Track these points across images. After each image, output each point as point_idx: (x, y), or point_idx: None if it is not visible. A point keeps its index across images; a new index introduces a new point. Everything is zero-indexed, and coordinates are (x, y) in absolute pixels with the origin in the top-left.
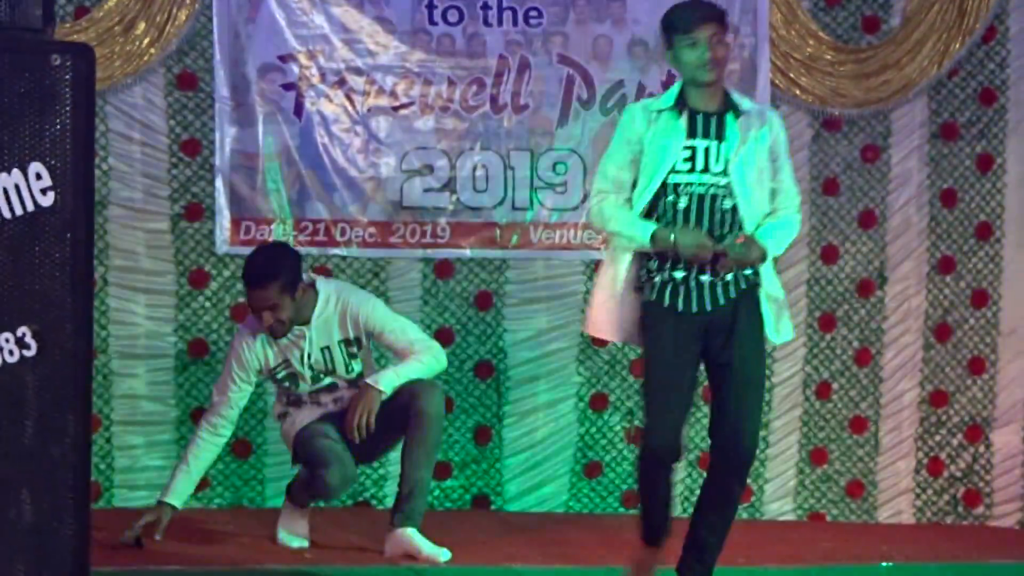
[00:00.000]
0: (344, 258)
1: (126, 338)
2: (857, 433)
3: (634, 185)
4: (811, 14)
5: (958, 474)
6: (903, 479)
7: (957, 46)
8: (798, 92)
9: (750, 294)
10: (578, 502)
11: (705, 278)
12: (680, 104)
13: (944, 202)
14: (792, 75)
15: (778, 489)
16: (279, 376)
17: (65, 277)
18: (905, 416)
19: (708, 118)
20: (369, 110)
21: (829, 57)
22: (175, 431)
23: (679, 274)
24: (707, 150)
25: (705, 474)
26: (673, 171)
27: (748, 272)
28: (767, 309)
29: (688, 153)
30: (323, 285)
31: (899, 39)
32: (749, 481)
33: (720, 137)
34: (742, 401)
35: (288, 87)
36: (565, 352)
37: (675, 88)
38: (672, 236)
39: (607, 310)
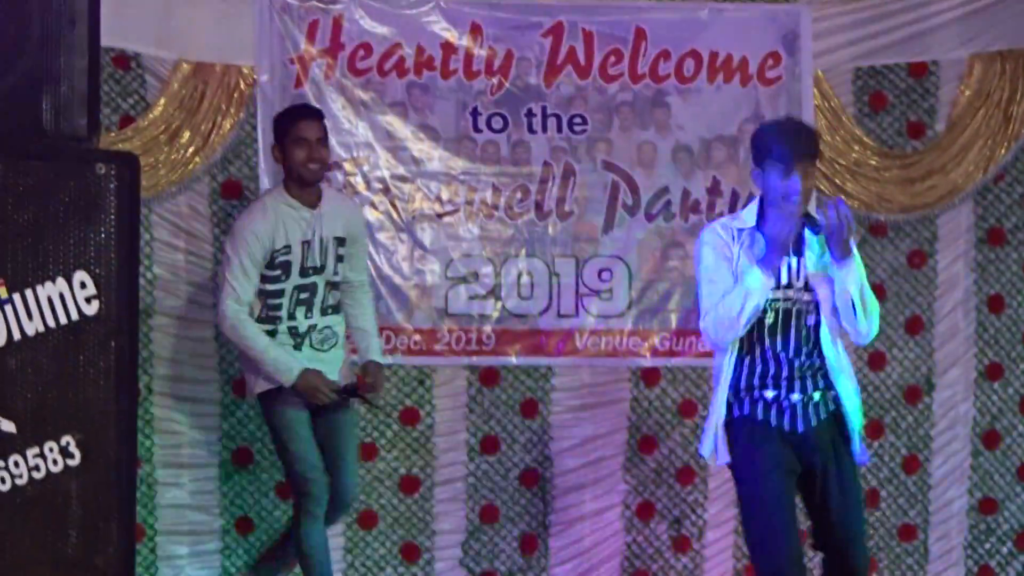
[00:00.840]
0: (389, 366)
1: (170, 447)
2: (906, 541)
3: None
4: (856, 120)
5: None
6: None
7: (1003, 151)
8: (844, 198)
9: (836, 415)
10: None
11: (795, 397)
12: (761, 223)
13: (991, 308)
14: (838, 181)
15: None
16: (278, 260)
17: (109, 386)
18: (954, 524)
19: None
20: (414, 217)
21: (874, 163)
22: (220, 541)
23: (770, 393)
24: (788, 266)
25: None
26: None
27: (832, 393)
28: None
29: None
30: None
31: (944, 144)
32: None
33: (799, 253)
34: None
35: None
36: (611, 460)
37: (754, 207)
38: None
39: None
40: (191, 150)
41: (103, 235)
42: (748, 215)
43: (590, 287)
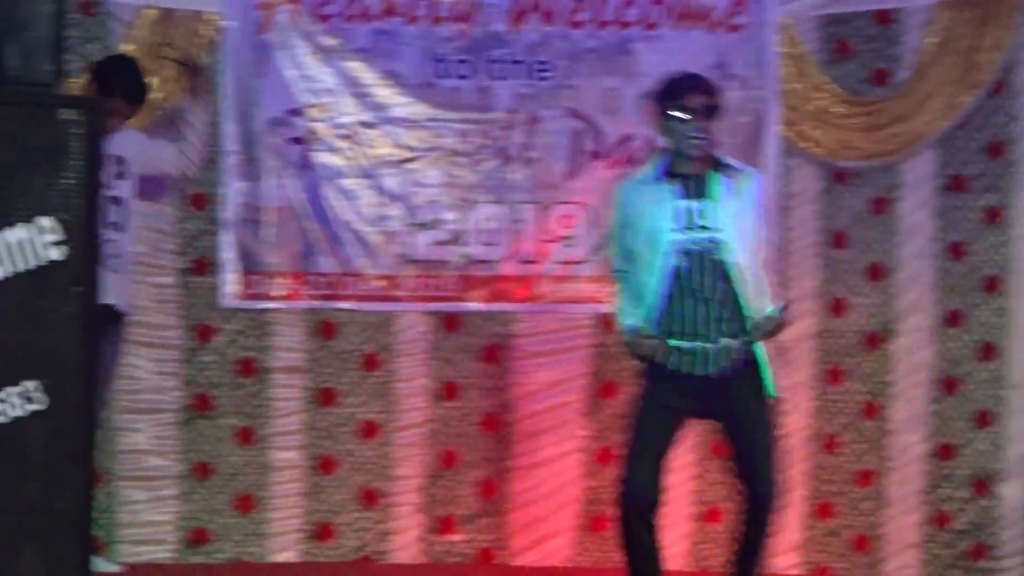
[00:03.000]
0: (350, 312)
1: (129, 392)
2: (864, 486)
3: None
4: (821, 67)
5: (964, 527)
6: (909, 533)
7: (966, 99)
8: (808, 145)
9: (747, 355)
10: (584, 556)
11: (700, 344)
12: (666, 172)
13: (952, 255)
14: (802, 128)
15: (784, 543)
16: None
17: (73, 331)
18: (912, 470)
19: (694, 180)
20: (377, 163)
21: (839, 110)
22: (178, 486)
23: (675, 342)
24: (692, 209)
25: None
26: (667, 231)
27: (743, 338)
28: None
29: (679, 213)
30: None
31: (909, 92)
32: None
33: (705, 195)
34: (761, 445)
35: (296, 141)
36: (572, 406)
37: (657, 159)
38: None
39: None
40: (156, 96)
41: (67, 180)
42: (651, 168)
43: (553, 233)
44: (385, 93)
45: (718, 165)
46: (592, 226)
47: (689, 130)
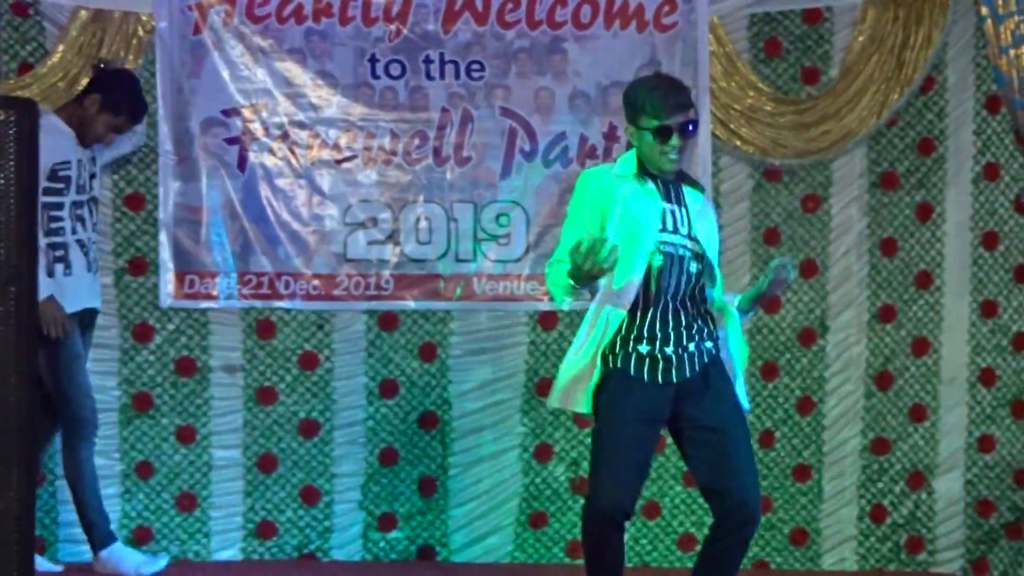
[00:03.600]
0: (288, 311)
1: None
2: (800, 481)
3: None
4: (751, 66)
5: (901, 521)
6: (846, 526)
7: (896, 97)
8: (739, 143)
9: (715, 362)
10: (523, 552)
11: (669, 350)
12: (642, 172)
13: (884, 251)
14: (732, 126)
15: None
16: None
17: (9, 331)
18: (848, 464)
19: (669, 185)
20: (312, 163)
21: (769, 108)
22: (120, 485)
23: (644, 348)
24: (675, 213)
25: (708, 533)
26: (655, 229)
27: (709, 345)
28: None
29: (664, 215)
30: None
31: (838, 90)
32: (692, 529)
33: (680, 202)
34: (739, 457)
35: (232, 141)
36: (509, 403)
37: (631, 156)
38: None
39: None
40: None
41: (2, 181)
42: (626, 164)
43: (488, 232)
44: (319, 93)
45: (682, 176)
46: (526, 225)
47: (667, 149)
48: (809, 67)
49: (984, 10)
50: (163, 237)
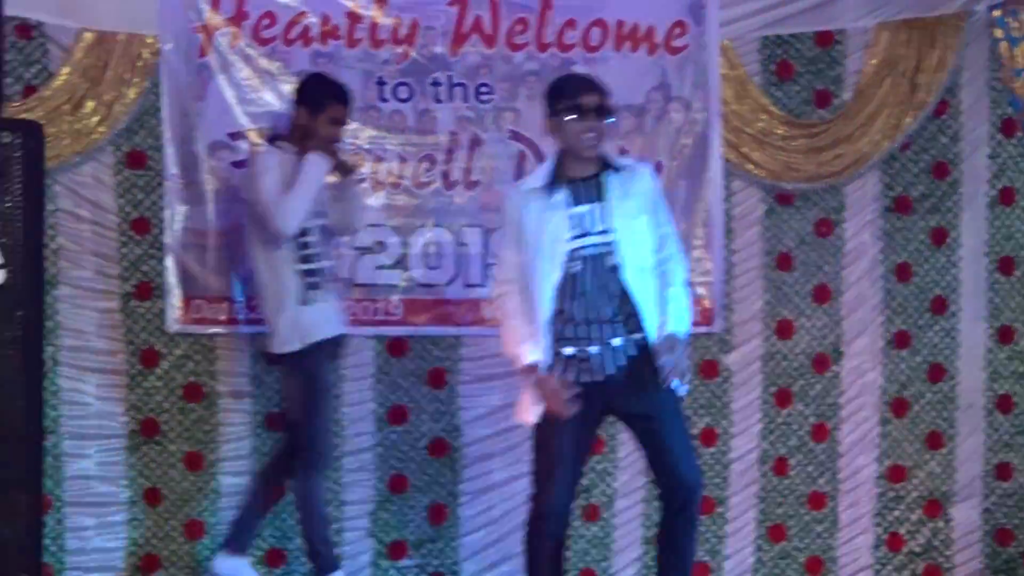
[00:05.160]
0: None
1: (76, 418)
2: (815, 509)
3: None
4: (763, 89)
5: (917, 549)
6: (862, 555)
7: (909, 120)
8: (751, 167)
9: (644, 350)
10: None
11: (594, 349)
12: (556, 177)
13: (899, 276)
14: (744, 150)
15: (737, 566)
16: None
17: (16, 356)
18: (863, 491)
19: (586, 183)
20: None
21: (781, 132)
22: (127, 512)
23: (569, 351)
24: (585, 216)
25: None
26: (563, 240)
27: (636, 336)
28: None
29: (574, 220)
30: None
31: (851, 113)
32: (707, 558)
33: (600, 198)
34: (674, 440)
35: (238, 164)
36: (520, 429)
37: (546, 167)
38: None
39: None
40: (95, 120)
41: (8, 204)
42: (537, 177)
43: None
44: None
45: (609, 165)
46: None
47: (583, 129)
48: (821, 90)
49: (998, 32)
50: (169, 262)
